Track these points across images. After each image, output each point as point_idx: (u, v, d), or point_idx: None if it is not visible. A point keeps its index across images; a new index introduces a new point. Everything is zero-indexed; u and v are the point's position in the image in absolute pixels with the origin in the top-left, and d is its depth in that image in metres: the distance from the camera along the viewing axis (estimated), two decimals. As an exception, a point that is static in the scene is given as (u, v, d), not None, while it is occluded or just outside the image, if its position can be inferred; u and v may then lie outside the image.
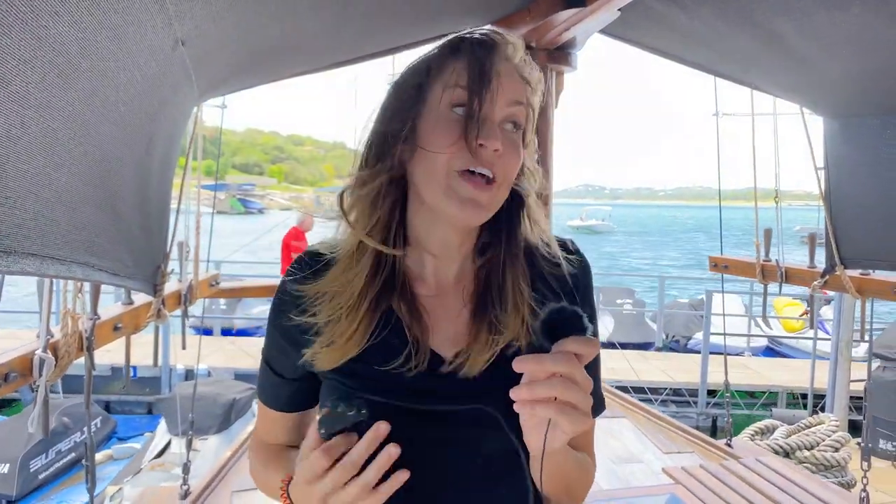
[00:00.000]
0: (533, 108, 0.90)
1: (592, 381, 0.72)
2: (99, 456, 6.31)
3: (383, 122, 0.87)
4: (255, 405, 7.13)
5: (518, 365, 0.70)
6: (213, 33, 1.45)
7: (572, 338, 0.70)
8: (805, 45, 2.04)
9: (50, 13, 0.70)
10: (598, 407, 0.96)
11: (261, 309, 10.96)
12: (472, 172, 0.81)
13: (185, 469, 2.50)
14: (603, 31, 2.60)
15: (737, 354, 9.51)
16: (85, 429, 6.45)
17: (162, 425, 6.28)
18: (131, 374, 7.92)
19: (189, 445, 2.60)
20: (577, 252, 0.97)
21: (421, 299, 0.90)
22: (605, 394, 1.03)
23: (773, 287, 3.33)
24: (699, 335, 10.06)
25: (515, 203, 0.91)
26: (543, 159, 2.82)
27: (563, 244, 0.97)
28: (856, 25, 1.80)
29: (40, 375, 1.34)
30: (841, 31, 1.87)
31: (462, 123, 0.80)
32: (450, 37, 0.87)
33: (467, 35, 0.87)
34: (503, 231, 0.91)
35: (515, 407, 0.71)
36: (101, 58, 0.91)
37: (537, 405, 0.69)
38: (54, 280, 1.53)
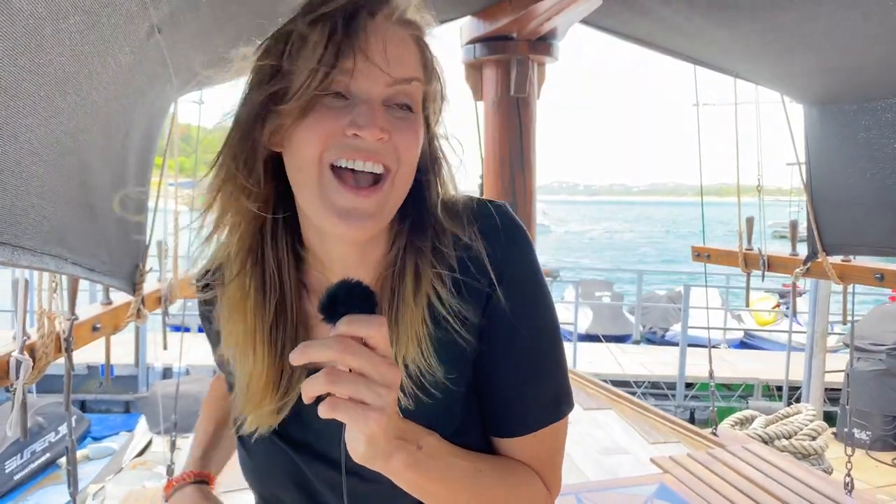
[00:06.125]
0: (436, 77, 0.74)
1: (385, 368, 0.57)
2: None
3: (245, 102, 0.71)
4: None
5: (291, 359, 0.57)
6: (191, 21, 1.41)
7: (346, 317, 0.57)
8: (782, 38, 2.05)
9: (19, -12, 0.66)
10: (558, 404, 0.79)
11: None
12: (352, 170, 0.67)
13: (170, 471, 2.44)
14: (584, 22, 2.59)
15: (713, 347, 9.59)
16: (60, 428, 6.38)
17: (142, 423, 6.21)
18: (110, 371, 7.79)
19: (173, 447, 2.54)
20: (500, 228, 0.76)
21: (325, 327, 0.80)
22: (590, 386, 0.86)
23: (753, 279, 3.36)
24: (676, 327, 10.16)
25: (420, 194, 0.76)
26: (525, 151, 2.81)
27: (485, 218, 0.76)
28: (830, 20, 1.81)
29: (17, 378, 1.29)
30: (816, 26, 1.88)
31: (332, 109, 0.66)
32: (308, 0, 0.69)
33: None
34: (404, 232, 0.76)
35: None
36: (74, 41, 0.87)
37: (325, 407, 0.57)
38: (30, 278, 1.48)
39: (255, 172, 0.71)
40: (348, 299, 0.58)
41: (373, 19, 0.67)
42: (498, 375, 0.77)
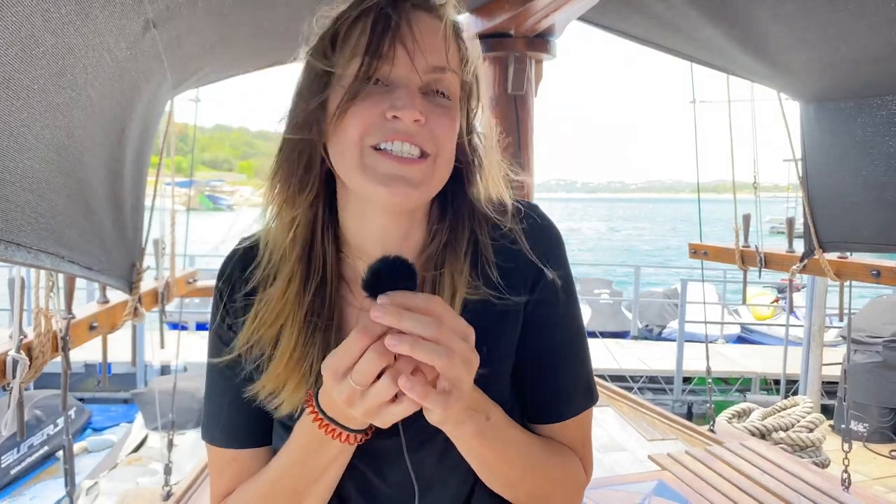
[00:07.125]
0: (472, 70, 0.78)
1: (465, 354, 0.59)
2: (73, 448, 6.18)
3: (296, 102, 0.76)
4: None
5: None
6: (186, 16, 1.40)
7: (388, 294, 0.58)
8: (780, 33, 2.05)
9: (11, -21, 0.65)
10: (590, 391, 0.85)
11: (237, 303, 10.73)
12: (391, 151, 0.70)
13: (167, 470, 2.43)
14: (581, 19, 2.58)
15: (711, 342, 9.60)
16: (58, 421, 6.35)
17: (139, 419, 6.22)
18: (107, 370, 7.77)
19: (170, 447, 2.53)
20: (541, 226, 0.83)
21: (356, 315, 0.79)
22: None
23: (750, 274, 3.36)
24: (673, 324, 10.18)
25: (460, 185, 0.80)
26: (524, 149, 2.80)
27: (527, 216, 0.82)
28: (826, 16, 1.81)
29: (13, 377, 1.28)
30: (814, 21, 1.87)
31: (373, 94, 0.70)
32: None
33: None
34: (446, 219, 0.79)
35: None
36: (67, 34, 0.86)
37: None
38: (26, 277, 1.47)
39: (313, 169, 0.76)
40: (391, 274, 0.58)
41: (413, 11, 0.72)
42: (543, 363, 0.82)
